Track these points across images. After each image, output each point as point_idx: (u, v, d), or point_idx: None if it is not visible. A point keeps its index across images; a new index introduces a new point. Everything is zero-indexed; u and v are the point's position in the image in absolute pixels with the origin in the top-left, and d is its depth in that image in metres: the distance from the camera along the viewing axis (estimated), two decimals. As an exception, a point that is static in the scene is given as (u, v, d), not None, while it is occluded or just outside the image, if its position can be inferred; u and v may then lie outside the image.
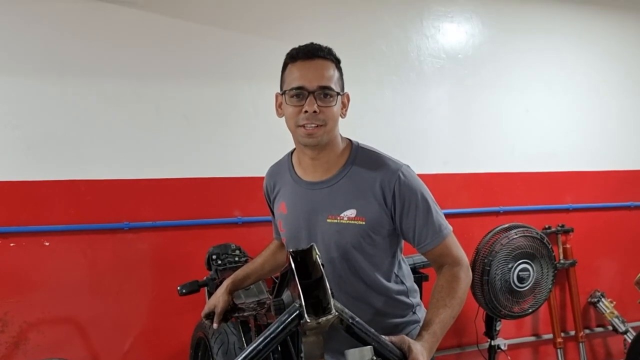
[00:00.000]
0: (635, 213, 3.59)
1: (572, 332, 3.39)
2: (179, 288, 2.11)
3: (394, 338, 1.07)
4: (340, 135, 1.43)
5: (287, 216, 1.47)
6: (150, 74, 2.54)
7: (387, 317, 1.42)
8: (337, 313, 0.94)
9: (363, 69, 2.85)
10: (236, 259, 2.30)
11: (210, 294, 2.16)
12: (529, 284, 2.79)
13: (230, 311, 1.72)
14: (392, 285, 1.43)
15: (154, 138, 2.55)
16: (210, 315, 1.71)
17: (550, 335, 3.32)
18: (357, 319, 1.01)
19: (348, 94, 1.41)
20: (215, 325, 1.70)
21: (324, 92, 1.30)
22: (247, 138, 2.70)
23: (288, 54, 1.36)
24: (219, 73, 2.65)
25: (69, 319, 2.45)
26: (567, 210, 3.40)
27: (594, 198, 3.47)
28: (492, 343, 2.95)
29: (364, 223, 1.35)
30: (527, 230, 2.80)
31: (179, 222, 2.59)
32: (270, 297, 1.93)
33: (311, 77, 1.30)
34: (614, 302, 3.40)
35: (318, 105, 1.29)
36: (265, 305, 1.77)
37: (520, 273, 2.75)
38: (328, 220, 1.37)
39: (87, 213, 2.46)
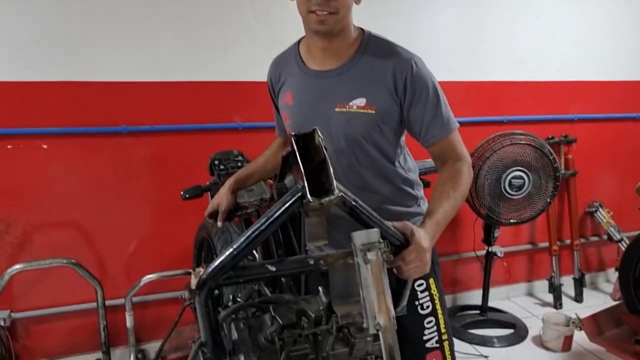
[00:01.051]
0: (637, 124, 3.55)
1: (568, 241, 3.46)
2: (182, 192, 2.11)
3: (396, 223, 1.07)
4: (353, 25, 1.37)
5: (293, 107, 1.43)
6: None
7: (393, 205, 1.43)
8: (340, 194, 0.92)
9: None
10: (239, 164, 2.29)
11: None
12: (523, 192, 2.80)
13: (234, 210, 1.73)
14: (398, 174, 1.43)
15: (150, 39, 2.45)
16: (213, 215, 1.72)
17: (546, 244, 3.39)
18: (360, 201, 0.99)
19: None
20: (219, 224, 1.72)
21: None
22: (246, 40, 2.60)
23: None
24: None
25: (72, 222, 2.48)
26: (571, 120, 3.36)
27: (600, 108, 3.42)
28: (490, 250, 3.01)
29: (373, 112, 1.32)
30: (525, 138, 2.78)
31: (178, 126, 2.55)
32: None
33: None
34: (612, 212, 3.44)
35: None
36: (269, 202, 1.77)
37: (513, 180, 2.76)
38: (337, 110, 1.34)
39: (85, 116, 2.41)
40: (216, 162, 2.28)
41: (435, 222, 1.17)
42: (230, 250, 0.96)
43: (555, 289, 3.28)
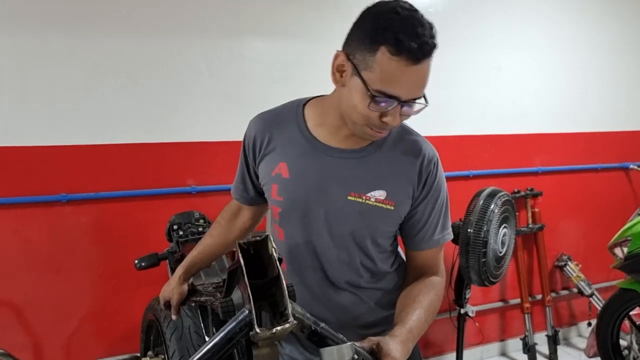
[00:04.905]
0: (602, 175, 3.55)
1: (539, 296, 3.35)
2: (136, 262, 1.91)
3: (360, 343, 0.90)
4: None
5: (288, 181, 1.18)
6: (86, 25, 2.23)
7: (386, 309, 1.25)
8: (295, 322, 0.75)
9: (327, 24, 2.61)
10: (200, 229, 2.10)
11: (172, 269, 1.97)
12: (506, 247, 2.71)
13: (189, 294, 1.54)
14: (394, 274, 1.28)
15: (94, 99, 2.27)
16: (167, 305, 1.53)
17: (518, 300, 3.28)
18: (322, 324, 0.83)
19: None
20: (173, 317, 1.53)
21: (414, 101, 1.05)
22: (199, 99, 2.45)
23: (392, 32, 0.96)
24: (165, 25, 2.36)
25: (2, 303, 2.21)
26: (536, 173, 3.32)
27: (563, 160, 3.40)
28: (462, 311, 2.87)
29: (392, 208, 1.15)
30: (505, 195, 2.71)
31: (125, 192, 2.34)
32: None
33: (411, 88, 1.01)
34: (580, 265, 3.37)
35: (400, 115, 1.05)
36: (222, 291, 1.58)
37: (502, 238, 2.67)
38: (349, 198, 1.14)
39: (18, 184, 2.18)
40: (175, 227, 2.09)
41: (408, 329, 1.01)
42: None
43: (530, 349, 3.14)
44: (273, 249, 0.80)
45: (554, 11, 3.21)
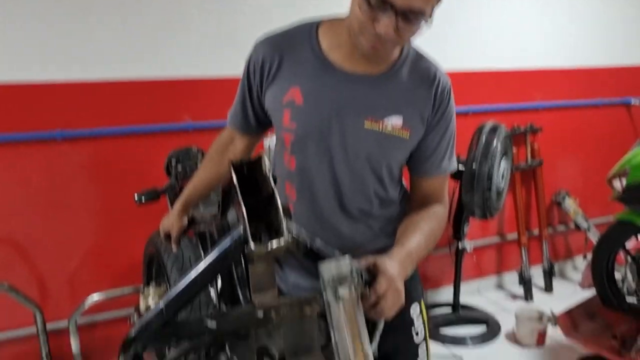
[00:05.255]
0: (603, 111, 3.52)
1: (536, 231, 3.39)
2: (136, 196, 1.93)
3: (357, 261, 0.91)
4: None
5: (302, 108, 1.12)
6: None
7: (390, 237, 1.22)
8: (289, 240, 0.75)
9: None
10: (197, 164, 2.10)
11: (172, 202, 1.99)
12: (504, 181, 2.74)
13: (188, 225, 1.56)
14: (400, 202, 1.27)
15: (85, 34, 2.21)
16: (167, 237, 1.56)
17: (515, 235, 3.32)
18: (318, 240, 0.83)
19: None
20: (174, 249, 1.55)
21: (414, 15, 0.96)
22: (193, 35, 2.40)
23: None
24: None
25: (4, 240, 2.23)
26: (536, 109, 3.28)
27: (563, 96, 3.36)
28: (459, 245, 2.91)
29: (407, 138, 1.13)
30: (505, 129, 2.71)
31: (122, 129, 2.32)
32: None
33: None
34: (578, 199, 3.39)
35: (396, 28, 0.96)
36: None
37: (503, 172, 2.69)
38: (366, 126, 1.11)
39: (11, 121, 2.16)
40: (173, 162, 2.09)
41: (407, 251, 1.01)
42: (159, 306, 0.79)
43: (526, 282, 3.21)
44: (267, 169, 0.79)
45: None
